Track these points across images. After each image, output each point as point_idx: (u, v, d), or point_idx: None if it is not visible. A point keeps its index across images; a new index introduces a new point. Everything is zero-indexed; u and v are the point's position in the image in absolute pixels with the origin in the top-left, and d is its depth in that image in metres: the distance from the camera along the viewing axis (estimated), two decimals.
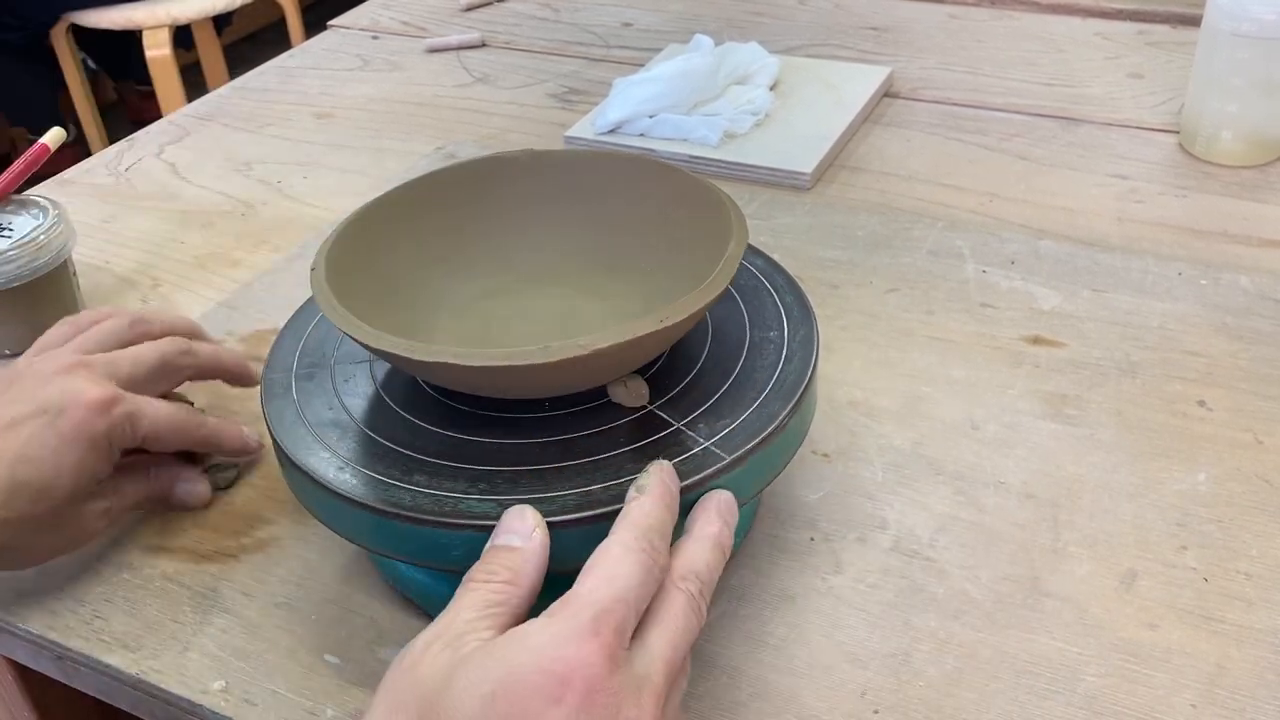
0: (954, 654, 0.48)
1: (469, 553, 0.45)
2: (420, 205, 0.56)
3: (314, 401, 0.51)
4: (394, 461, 0.47)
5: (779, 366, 0.50)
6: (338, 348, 0.54)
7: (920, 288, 0.71)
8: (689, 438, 0.47)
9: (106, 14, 2.19)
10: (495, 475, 0.46)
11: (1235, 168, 0.83)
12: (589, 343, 0.44)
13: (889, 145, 0.89)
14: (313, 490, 0.47)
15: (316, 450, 0.48)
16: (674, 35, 1.10)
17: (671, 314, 0.45)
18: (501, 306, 0.56)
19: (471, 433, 0.48)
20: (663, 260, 0.54)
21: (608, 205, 0.57)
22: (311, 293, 0.49)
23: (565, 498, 0.44)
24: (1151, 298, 0.68)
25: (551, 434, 0.48)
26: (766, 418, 0.47)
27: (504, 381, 0.46)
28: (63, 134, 0.74)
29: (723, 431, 0.47)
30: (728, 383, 0.50)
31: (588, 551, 0.42)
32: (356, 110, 1.01)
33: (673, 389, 0.50)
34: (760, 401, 0.48)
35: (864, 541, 0.54)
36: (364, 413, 0.50)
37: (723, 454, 0.46)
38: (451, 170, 0.58)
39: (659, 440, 0.47)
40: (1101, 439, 0.58)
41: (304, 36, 2.24)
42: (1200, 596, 0.50)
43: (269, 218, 0.85)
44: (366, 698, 0.48)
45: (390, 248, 0.55)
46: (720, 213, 0.51)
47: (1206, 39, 0.81)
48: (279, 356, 0.54)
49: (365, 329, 0.46)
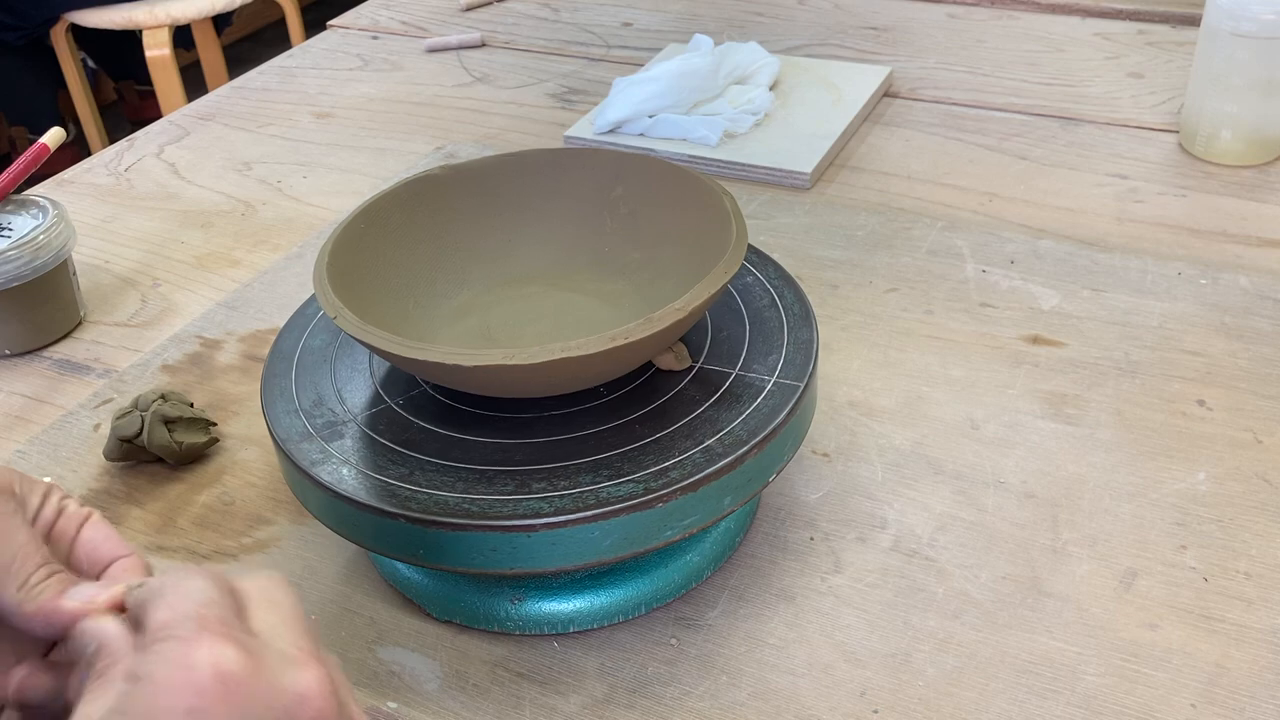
0: (954, 654, 0.48)
1: (469, 552, 0.45)
2: (421, 205, 0.56)
3: (314, 401, 0.51)
4: (394, 461, 0.47)
5: (778, 365, 0.50)
6: (338, 347, 0.54)
7: (920, 287, 0.71)
8: (683, 440, 0.47)
9: (106, 14, 2.18)
10: (496, 475, 0.46)
11: (1235, 167, 0.83)
12: (587, 345, 0.44)
13: (889, 145, 0.89)
14: (313, 490, 0.47)
15: (316, 450, 0.48)
16: (674, 35, 1.10)
17: (667, 316, 0.45)
18: (502, 305, 0.56)
19: (471, 432, 0.48)
20: (663, 258, 0.54)
21: (607, 204, 0.57)
22: (312, 291, 0.49)
23: (564, 497, 0.44)
24: (1151, 297, 0.68)
25: (551, 433, 0.48)
26: (766, 417, 0.47)
27: (498, 381, 0.46)
28: (63, 134, 0.74)
29: (723, 430, 0.47)
30: (728, 381, 0.50)
31: (586, 550, 0.42)
32: (356, 110, 1.01)
33: (674, 388, 0.50)
34: (760, 401, 0.48)
35: (864, 541, 0.54)
36: (364, 412, 0.50)
37: (722, 454, 0.46)
38: (452, 169, 0.58)
39: (662, 439, 0.47)
40: (1101, 439, 0.58)
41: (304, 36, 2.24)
42: (1200, 596, 0.50)
43: (269, 217, 0.85)
44: (367, 697, 0.48)
45: (391, 247, 0.55)
46: (719, 210, 0.51)
47: (1206, 39, 0.81)
48: (279, 356, 0.54)
49: (363, 326, 0.46)
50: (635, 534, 0.45)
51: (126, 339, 0.73)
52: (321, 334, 0.55)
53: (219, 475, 0.60)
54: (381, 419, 0.50)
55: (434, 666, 0.49)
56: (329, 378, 0.52)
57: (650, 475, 0.45)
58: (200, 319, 0.72)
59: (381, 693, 0.48)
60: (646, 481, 0.45)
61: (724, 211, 0.51)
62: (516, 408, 0.49)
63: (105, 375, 0.69)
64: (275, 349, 0.55)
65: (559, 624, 0.50)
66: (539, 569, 0.45)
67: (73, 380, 0.69)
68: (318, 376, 0.52)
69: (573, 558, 0.45)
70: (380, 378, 0.52)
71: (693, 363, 0.51)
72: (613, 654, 0.49)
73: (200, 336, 0.71)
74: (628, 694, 0.47)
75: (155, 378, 0.67)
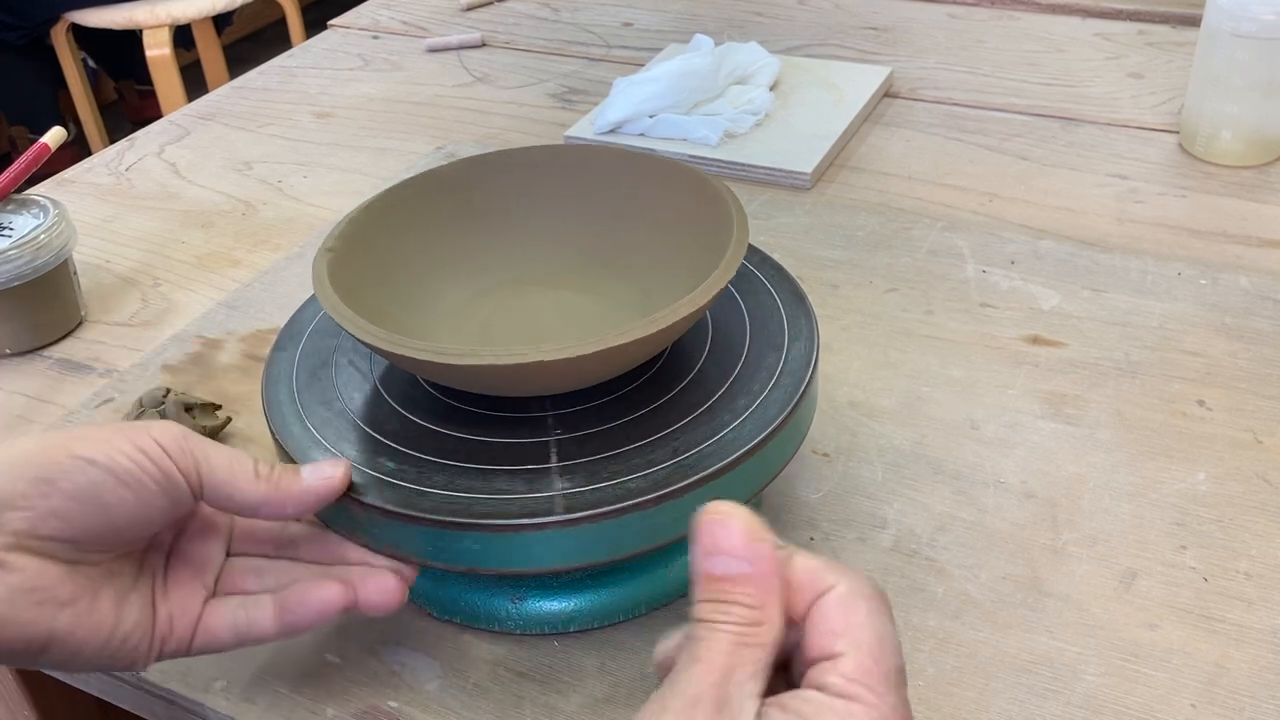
0: (954, 654, 0.48)
1: (470, 553, 0.45)
2: (420, 203, 0.56)
3: (315, 401, 0.51)
4: (394, 460, 0.47)
5: (779, 366, 0.50)
6: (339, 346, 0.54)
7: (920, 287, 0.71)
8: (683, 439, 0.47)
9: (107, 13, 2.18)
10: (495, 474, 0.46)
11: (1235, 168, 0.83)
12: (582, 346, 0.44)
13: (889, 145, 0.89)
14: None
15: (318, 449, 0.48)
16: (674, 35, 1.10)
17: (668, 316, 0.45)
18: (501, 304, 0.56)
19: (471, 431, 0.48)
20: (663, 257, 0.54)
21: (608, 202, 0.57)
22: (313, 291, 0.49)
23: (564, 496, 0.44)
24: (1151, 297, 0.68)
25: (551, 433, 0.48)
26: (766, 417, 0.47)
27: (497, 381, 0.46)
28: (63, 133, 0.74)
29: (723, 430, 0.47)
30: (728, 381, 0.50)
31: (586, 551, 0.42)
32: (356, 110, 1.01)
33: (673, 387, 0.50)
34: (760, 401, 0.48)
35: (864, 541, 0.54)
36: (365, 411, 0.50)
37: (722, 454, 0.46)
38: (451, 167, 0.58)
39: (662, 438, 0.47)
40: (1101, 439, 0.58)
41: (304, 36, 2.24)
42: (1200, 596, 0.50)
43: (269, 217, 0.85)
44: (367, 697, 0.48)
45: (391, 245, 0.55)
46: (721, 208, 0.51)
47: (1206, 39, 0.81)
48: (280, 355, 0.54)
49: (362, 325, 0.46)
50: (636, 534, 0.45)
51: (127, 339, 0.73)
52: (322, 333, 0.55)
53: None
54: (381, 417, 0.50)
55: (435, 666, 0.49)
56: (329, 377, 0.52)
57: (651, 475, 0.45)
58: (201, 319, 0.72)
59: (382, 692, 0.48)
60: (648, 481, 0.45)
61: (726, 210, 0.51)
62: (516, 407, 0.49)
63: (106, 375, 0.69)
64: (276, 348, 0.55)
65: (559, 623, 0.50)
66: (538, 569, 0.45)
67: (74, 380, 0.69)
68: (318, 375, 0.52)
69: (573, 558, 0.45)
70: (380, 376, 0.52)
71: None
72: (613, 653, 0.49)
73: (201, 336, 0.71)
74: (628, 693, 0.47)
75: (156, 377, 0.67)
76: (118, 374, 0.68)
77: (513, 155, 0.58)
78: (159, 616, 0.43)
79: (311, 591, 0.44)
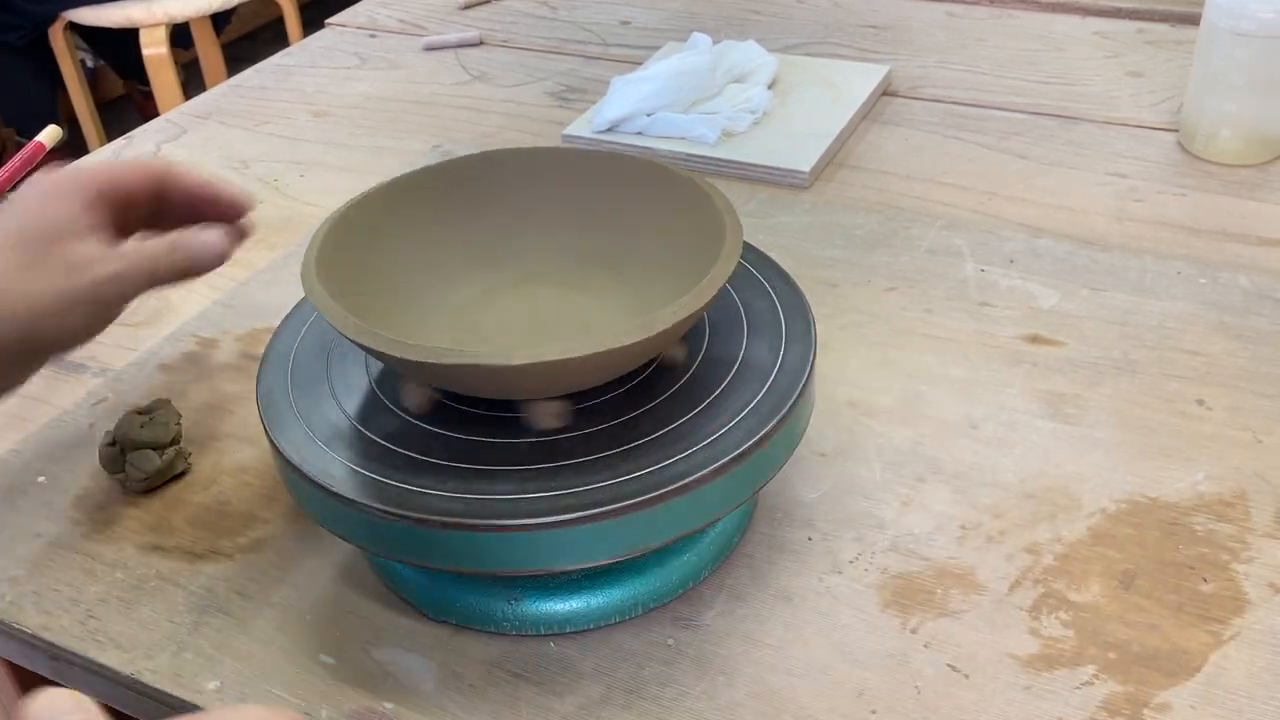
0: (953, 654, 0.48)
1: (466, 553, 0.44)
2: (412, 202, 0.56)
3: (310, 401, 0.51)
4: (390, 461, 0.47)
5: (777, 365, 0.50)
6: (334, 346, 0.54)
7: (919, 286, 0.70)
8: (680, 440, 0.47)
9: (104, 12, 2.18)
10: (491, 474, 0.46)
11: (1234, 166, 0.82)
12: (583, 348, 0.43)
13: (888, 144, 0.89)
14: (308, 490, 0.47)
15: (312, 450, 0.48)
16: (672, 33, 1.10)
17: (665, 318, 0.45)
18: (495, 305, 0.56)
19: (467, 431, 0.48)
20: (658, 258, 0.54)
21: (603, 203, 0.57)
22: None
23: (560, 497, 0.44)
24: (1150, 296, 0.68)
25: (547, 433, 0.48)
26: (764, 416, 0.47)
27: (491, 382, 0.46)
28: (59, 132, 0.74)
29: (720, 430, 0.47)
30: (726, 381, 0.50)
31: (583, 551, 0.42)
32: (354, 109, 1.00)
33: (671, 387, 0.50)
34: (758, 400, 0.48)
35: (862, 541, 0.53)
36: (360, 412, 0.50)
37: (720, 454, 0.46)
38: (444, 166, 0.57)
39: (658, 438, 0.47)
40: (1100, 438, 0.58)
41: (302, 35, 2.24)
42: (1199, 596, 0.50)
43: (266, 216, 0.84)
44: (362, 698, 0.48)
45: (382, 244, 0.55)
46: (713, 213, 0.51)
47: (1206, 37, 0.81)
48: (275, 355, 0.54)
49: (356, 325, 0.46)
50: (632, 535, 0.45)
51: (123, 338, 0.72)
52: (317, 333, 0.55)
53: (215, 475, 0.60)
54: (377, 417, 0.49)
55: (430, 667, 0.49)
56: (324, 376, 0.52)
57: (647, 475, 0.45)
58: (197, 318, 0.72)
59: (377, 693, 0.48)
60: (643, 481, 0.45)
61: (716, 211, 0.51)
62: (512, 406, 0.49)
63: (101, 374, 0.69)
64: (271, 348, 0.54)
65: (555, 624, 0.50)
66: (534, 570, 0.45)
67: (68, 379, 0.69)
68: (313, 375, 0.52)
69: (569, 558, 0.45)
70: (375, 376, 0.52)
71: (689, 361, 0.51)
72: (609, 654, 0.49)
73: (197, 335, 0.70)
74: (624, 694, 0.47)
75: (152, 376, 0.67)
76: (113, 373, 0.68)
77: (506, 156, 0.58)
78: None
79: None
